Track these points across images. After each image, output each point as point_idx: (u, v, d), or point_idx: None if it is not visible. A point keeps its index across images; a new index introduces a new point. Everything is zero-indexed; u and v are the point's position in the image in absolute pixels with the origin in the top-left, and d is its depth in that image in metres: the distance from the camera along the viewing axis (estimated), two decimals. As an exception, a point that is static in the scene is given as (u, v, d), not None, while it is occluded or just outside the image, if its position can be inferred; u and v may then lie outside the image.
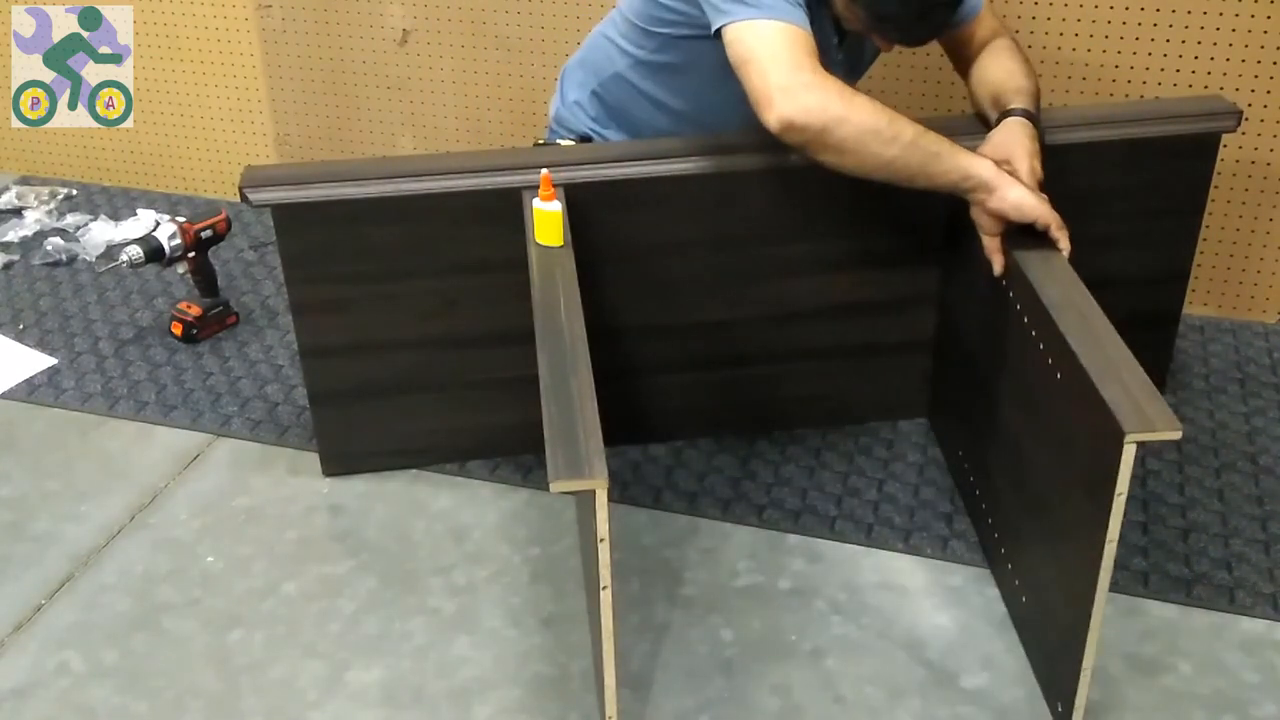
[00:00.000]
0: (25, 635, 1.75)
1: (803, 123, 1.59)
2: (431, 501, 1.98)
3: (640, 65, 1.93)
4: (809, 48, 1.64)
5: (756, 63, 1.62)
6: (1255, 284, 2.41)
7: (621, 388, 1.90)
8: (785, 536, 1.89)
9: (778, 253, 1.93)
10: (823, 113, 1.59)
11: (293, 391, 2.24)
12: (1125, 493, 1.33)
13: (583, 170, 1.83)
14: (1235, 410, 2.14)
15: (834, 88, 1.61)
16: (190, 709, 1.63)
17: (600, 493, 1.30)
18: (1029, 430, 1.62)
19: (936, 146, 1.64)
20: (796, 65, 1.61)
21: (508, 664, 1.68)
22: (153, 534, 1.93)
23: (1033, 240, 1.66)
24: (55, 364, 2.35)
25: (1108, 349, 1.43)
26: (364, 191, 1.81)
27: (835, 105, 1.59)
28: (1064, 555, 1.52)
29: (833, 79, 1.63)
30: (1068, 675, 1.50)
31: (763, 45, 1.63)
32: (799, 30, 1.65)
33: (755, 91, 1.63)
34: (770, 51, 1.62)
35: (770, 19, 1.64)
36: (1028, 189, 1.65)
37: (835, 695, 1.62)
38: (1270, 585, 1.77)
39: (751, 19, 1.64)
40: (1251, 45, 2.21)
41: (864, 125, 1.60)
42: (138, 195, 3.02)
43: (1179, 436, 1.31)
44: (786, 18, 1.65)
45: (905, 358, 2.06)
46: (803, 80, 1.60)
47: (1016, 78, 1.86)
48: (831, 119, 1.59)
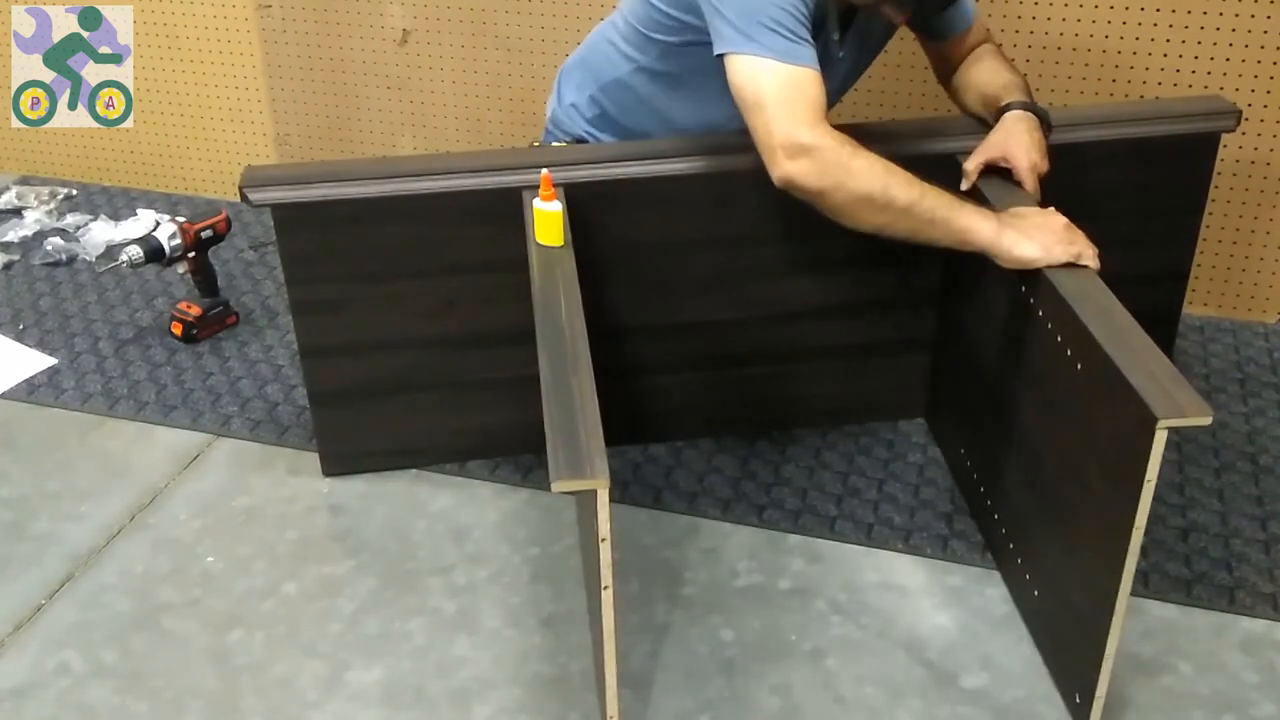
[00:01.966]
0: (25, 635, 1.75)
1: (801, 184, 1.61)
2: (431, 501, 1.98)
3: (641, 72, 1.92)
4: (814, 98, 1.63)
5: (760, 110, 1.62)
6: (1255, 284, 2.41)
7: (622, 387, 1.91)
8: (785, 536, 1.89)
9: (778, 253, 1.93)
10: (820, 178, 1.60)
11: (293, 391, 2.24)
12: (1155, 480, 1.34)
13: (583, 170, 1.83)
14: (1235, 410, 2.14)
15: (833, 152, 1.60)
16: (190, 709, 1.63)
17: (602, 492, 1.30)
18: (1043, 424, 1.62)
19: (932, 213, 1.63)
20: (799, 121, 1.61)
21: (508, 664, 1.68)
22: (153, 534, 1.93)
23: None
24: (55, 364, 2.35)
25: (1131, 338, 1.44)
26: (364, 191, 1.81)
27: (832, 173, 1.60)
28: (1084, 546, 1.52)
29: (835, 137, 1.61)
30: (1087, 665, 1.50)
31: (769, 92, 1.62)
32: (806, 74, 1.63)
33: (759, 140, 1.64)
34: (775, 101, 1.61)
35: (777, 61, 1.62)
36: (1033, 230, 1.61)
37: (835, 695, 1.62)
38: (1270, 585, 1.77)
39: (757, 56, 1.63)
40: (1251, 45, 2.21)
41: (858, 193, 1.61)
42: (138, 195, 3.02)
43: (1209, 422, 1.32)
44: (793, 60, 1.62)
45: (905, 358, 2.06)
46: (803, 141, 1.60)
47: (1001, 74, 1.85)
48: (829, 185, 1.61)
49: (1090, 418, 1.47)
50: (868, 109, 2.47)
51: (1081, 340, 1.48)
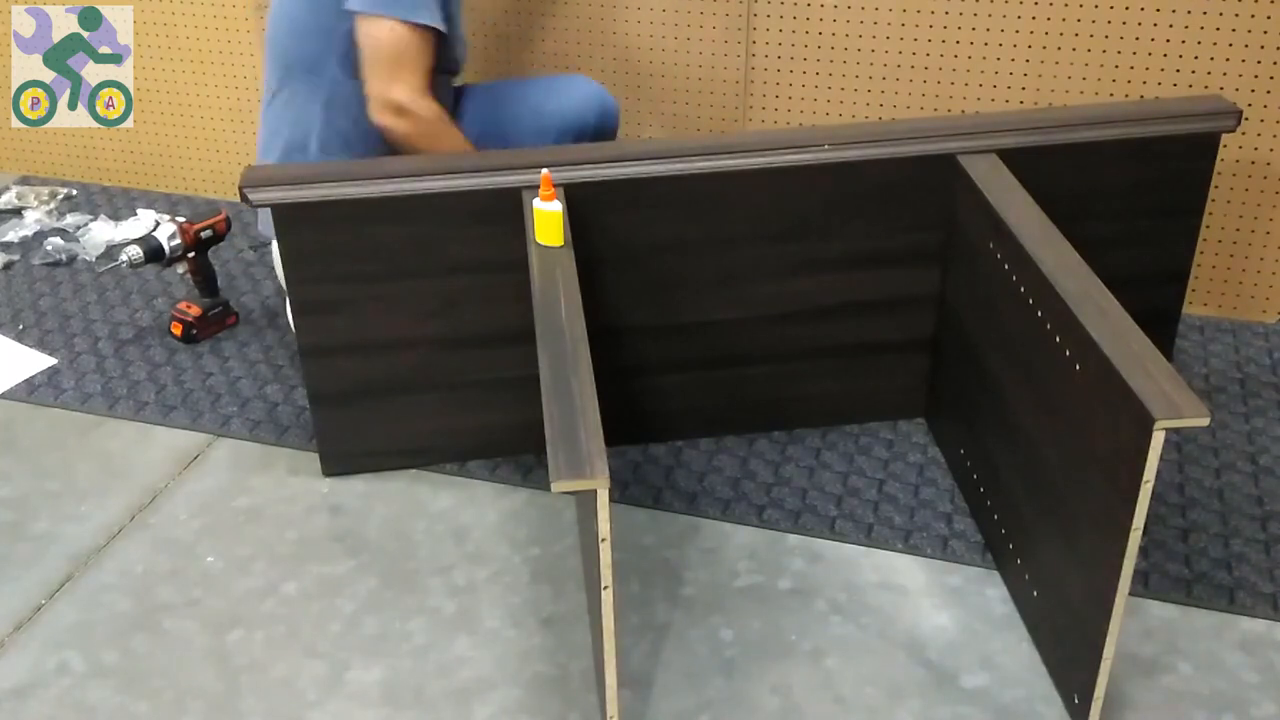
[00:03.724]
0: (25, 635, 1.75)
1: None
2: (431, 501, 1.98)
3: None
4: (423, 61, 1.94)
5: (373, 66, 1.95)
6: (1255, 284, 2.41)
7: (622, 388, 1.91)
8: (785, 536, 1.89)
9: (778, 253, 1.93)
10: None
11: (293, 391, 2.24)
12: (1153, 480, 1.34)
13: (583, 170, 1.83)
14: (1235, 410, 2.14)
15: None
16: (190, 709, 1.63)
17: (602, 492, 1.30)
18: (1042, 424, 1.62)
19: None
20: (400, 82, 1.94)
21: (508, 664, 1.68)
22: (153, 534, 1.93)
23: (1040, 229, 1.66)
24: (55, 364, 2.35)
25: (1129, 340, 1.44)
26: (364, 191, 1.81)
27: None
28: (1083, 546, 1.52)
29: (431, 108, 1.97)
30: (1087, 665, 1.51)
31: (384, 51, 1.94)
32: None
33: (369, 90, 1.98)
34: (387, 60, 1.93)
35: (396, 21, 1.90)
36: None
37: (835, 695, 1.62)
38: (1270, 585, 1.77)
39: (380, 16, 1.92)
40: (1251, 45, 2.21)
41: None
42: (138, 195, 3.02)
43: (1207, 422, 1.33)
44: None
45: (905, 358, 2.06)
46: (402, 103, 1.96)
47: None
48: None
49: (1089, 418, 1.47)
50: (868, 109, 2.47)
51: (1080, 341, 1.48)
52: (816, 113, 2.51)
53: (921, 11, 2.36)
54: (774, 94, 2.52)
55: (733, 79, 2.52)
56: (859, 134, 1.94)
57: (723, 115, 2.56)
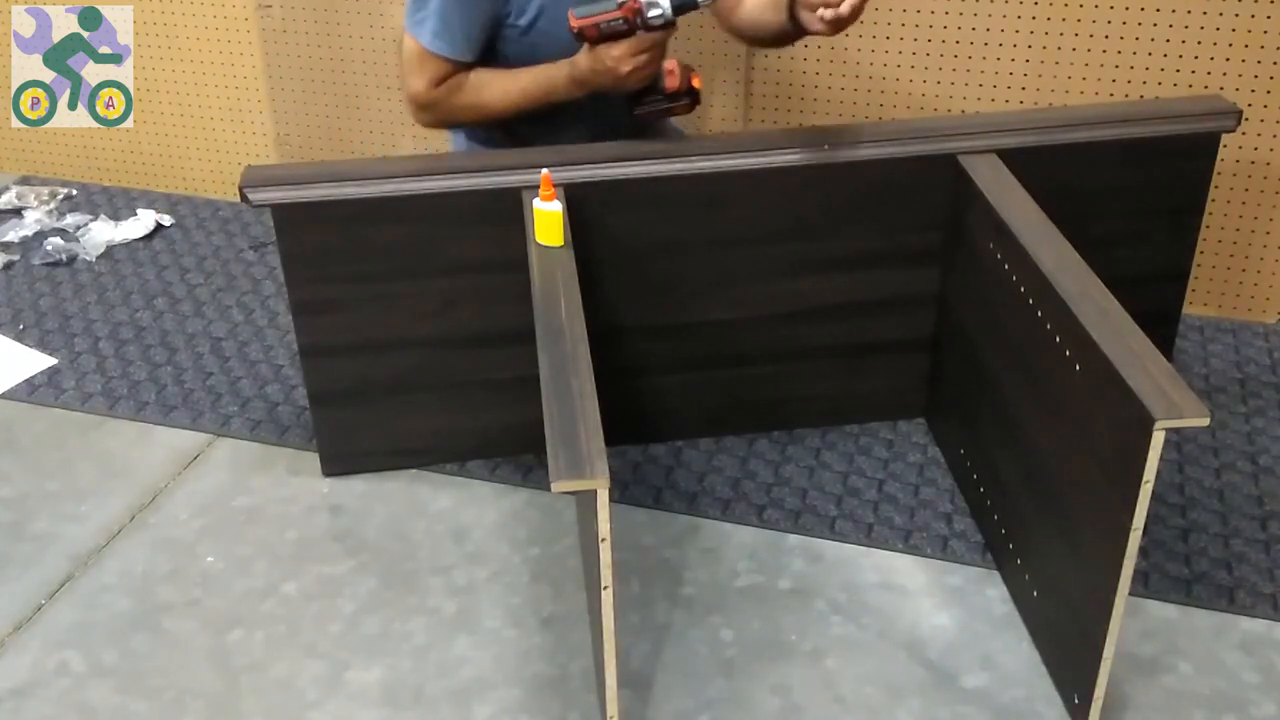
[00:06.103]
0: (25, 635, 1.75)
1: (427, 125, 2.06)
2: (431, 501, 1.98)
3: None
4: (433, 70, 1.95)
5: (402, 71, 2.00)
6: (1255, 284, 2.41)
7: (622, 388, 1.91)
8: (785, 536, 1.89)
9: (777, 253, 1.93)
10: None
11: (293, 391, 2.24)
12: (1153, 480, 1.34)
13: (583, 170, 1.83)
14: (1235, 410, 2.14)
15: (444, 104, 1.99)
16: (190, 709, 1.63)
17: (602, 492, 1.30)
18: (1042, 424, 1.62)
19: (524, 94, 1.93)
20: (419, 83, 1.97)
21: (508, 664, 1.68)
22: (153, 534, 1.93)
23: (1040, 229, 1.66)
24: (55, 364, 2.35)
25: (1129, 339, 1.44)
26: (364, 191, 1.81)
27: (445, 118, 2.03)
28: (1083, 546, 1.52)
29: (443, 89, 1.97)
30: (1087, 665, 1.51)
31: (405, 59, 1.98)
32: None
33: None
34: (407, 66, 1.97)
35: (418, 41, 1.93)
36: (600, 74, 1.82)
37: (835, 695, 1.62)
38: (1270, 585, 1.77)
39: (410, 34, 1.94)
40: (1251, 45, 2.21)
41: (468, 120, 2.02)
42: (138, 195, 3.02)
43: (1207, 422, 1.33)
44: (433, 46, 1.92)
45: (905, 358, 2.06)
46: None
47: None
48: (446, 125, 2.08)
49: (1089, 418, 1.47)
50: (868, 109, 2.47)
51: (1080, 341, 1.48)
52: (816, 113, 2.51)
53: (921, 11, 2.36)
54: (774, 94, 2.52)
55: (733, 79, 2.52)
56: (859, 134, 1.94)
57: (723, 115, 2.56)
